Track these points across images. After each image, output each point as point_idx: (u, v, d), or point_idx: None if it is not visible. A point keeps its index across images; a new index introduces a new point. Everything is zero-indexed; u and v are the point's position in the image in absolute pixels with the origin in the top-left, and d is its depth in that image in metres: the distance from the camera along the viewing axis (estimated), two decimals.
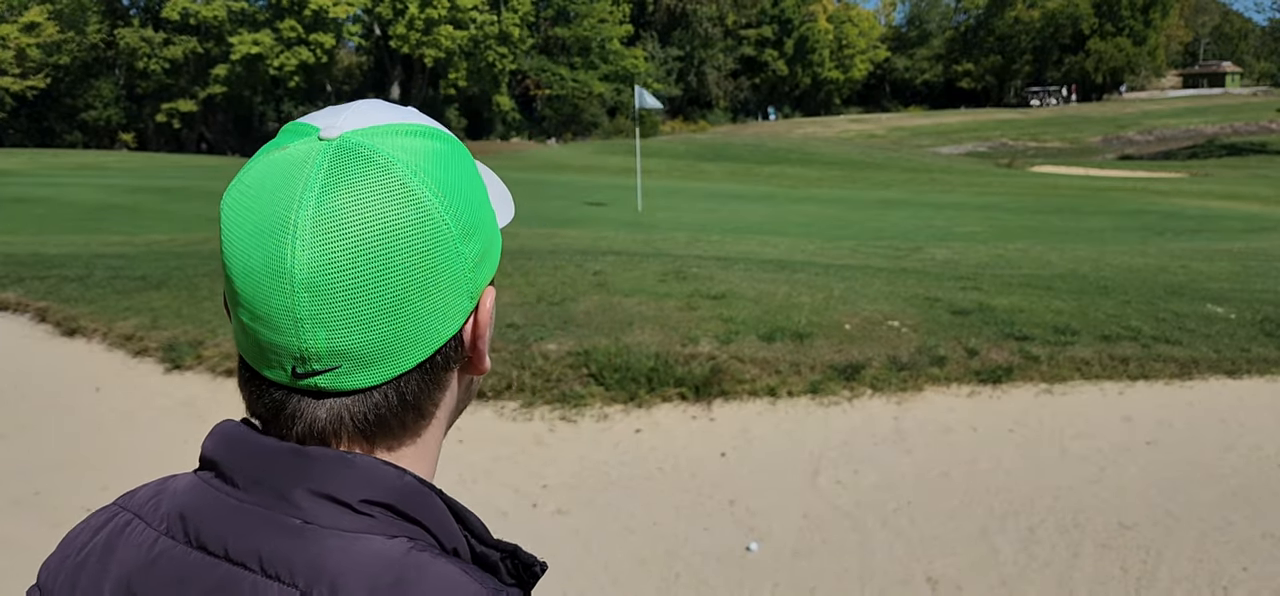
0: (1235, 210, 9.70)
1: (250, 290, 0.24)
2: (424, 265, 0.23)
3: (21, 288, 3.67)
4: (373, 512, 0.23)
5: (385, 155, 0.24)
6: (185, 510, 0.25)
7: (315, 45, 26.68)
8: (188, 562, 0.24)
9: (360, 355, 0.23)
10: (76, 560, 0.28)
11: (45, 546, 1.50)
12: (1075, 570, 1.72)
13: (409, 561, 0.22)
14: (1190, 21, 45.82)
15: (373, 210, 0.23)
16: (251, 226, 0.24)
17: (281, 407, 0.25)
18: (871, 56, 39.55)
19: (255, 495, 0.24)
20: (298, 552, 0.23)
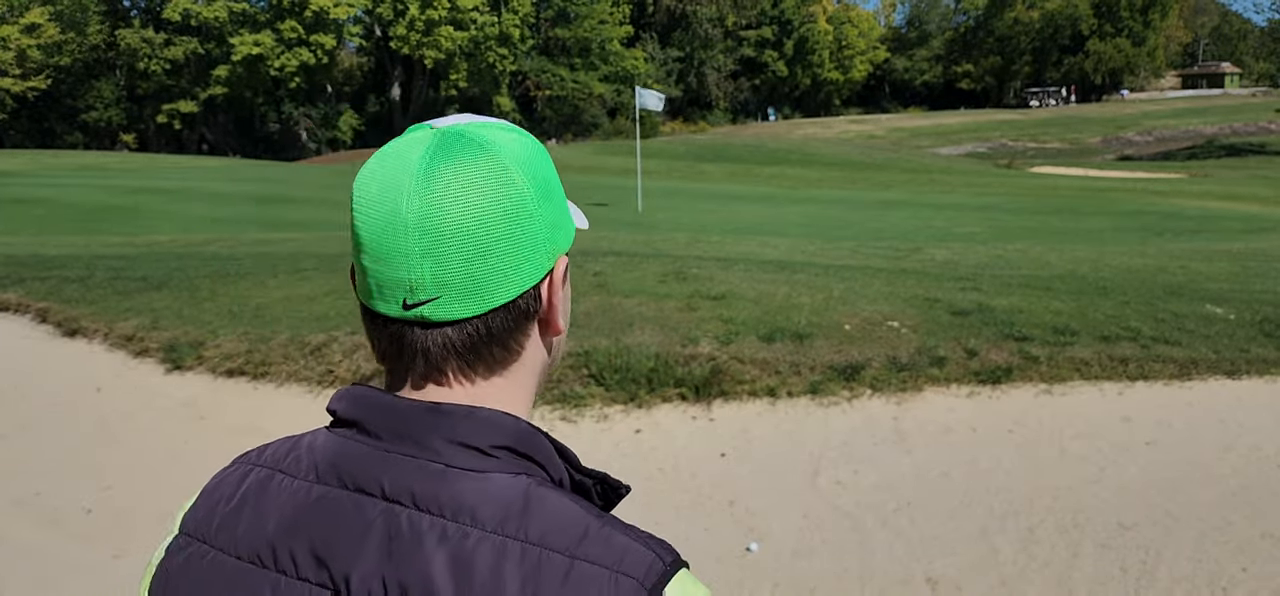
0: (1234, 211, 9.70)
1: (372, 235, 0.30)
2: (508, 217, 0.30)
3: (22, 288, 3.67)
4: (498, 454, 0.29)
5: (480, 137, 0.31)
6: (336, 461, 0.30)
7: (316, 46, 26.68)
8: (351, 502, 0.29)
9: (457, 287, 0.29)
10: (228, 507, 0.32)
11: (46, 546, 1.51)
12: (1075, 570, 1.72)
13: (531, 494, 0.28)
14: (1189, 22, 45.92)
15: (468, 171, 0.30)
16: (376, 187, 0.30)
17: (400, 339, 0.30)
18: (871, 57, 39.57)
19: (399, 446, 0.29)
20: (443, 490, 0.28)
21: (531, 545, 0.27)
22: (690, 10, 34.92)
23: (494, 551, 0.27)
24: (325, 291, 3.34)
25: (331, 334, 2.77)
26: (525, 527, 0.28)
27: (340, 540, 0.28)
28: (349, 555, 0.28)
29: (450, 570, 0.27)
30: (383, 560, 0.28)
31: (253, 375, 2.67)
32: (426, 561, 0.27)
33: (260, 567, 0.29)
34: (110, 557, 1.85)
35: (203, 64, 27.11)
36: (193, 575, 0.30)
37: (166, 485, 2.15)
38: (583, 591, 0.26)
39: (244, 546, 0.30)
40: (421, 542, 0.27)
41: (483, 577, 0.26)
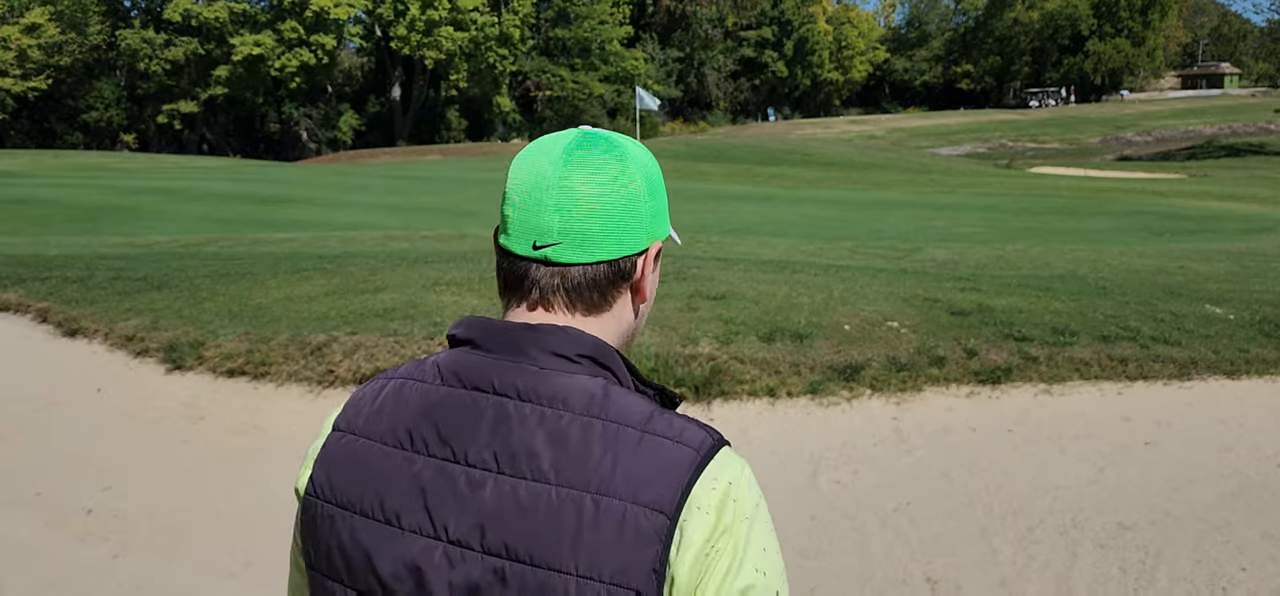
0: (1233, 211, 9.69)
1: (521, 189, 0.40)
2: (622, 197, 0.40)
3: (23, 288, 3.67)
4: (581, 361, 0.38)
5: (613, 138, 0.42)
6: (456, 368, 0.39)
7: (316, 46, 26.66)
8: (468, 398, 0.38)
9: (575, 238, 0.39)
10: (374, 407, 0.40)
11: (47, 546, 1.52)
12: (1074, 570, 1.72)
13: (608, 389, 0.37)
14: (1189, 23, 45.85)
15: (600, 158, 0.40)
16: (531, 156, 0.41)
17: (524, 274, 0.40)
18: (871, 58, 39.60)
19: (505, 355, 0.38)
20: (540, 385, 0.37)
21: (610, 423, 0.36)
22: (690, 11, 34.93)
23: (582, 426, 0.36)
24: (325, 291, 3.34)
25: (332, 334, 2.77)
26: (605, 410, 0.37)
27: (459, 424, 0.37)
28: (467, 434, 0.37)
29: (549, 439, 0.36)
30: (492, 435, 0.37)
31: (253, 375, 2.67)
32: (529, 435, 0.36)
33: (399, 448, 0.38)
34: (110, 558, 1.85)
35: (203, 64, 27.09)
36: (348, 456, 0.39)
37: (167, 485, 2.15)
38: (651, 454, 0.35)
39: (386, 434, 0.39)
40: (524, 422, 0.36)
41: (574, 445, 0.35)
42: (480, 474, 0.36)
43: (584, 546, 0.34)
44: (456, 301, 3.11)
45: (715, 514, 0.35)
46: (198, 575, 1.78)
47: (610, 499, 0.34)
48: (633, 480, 0.34)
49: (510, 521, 0.35)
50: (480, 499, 0.35)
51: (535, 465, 0.35)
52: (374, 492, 0.37)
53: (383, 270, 3.68)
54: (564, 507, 0.34)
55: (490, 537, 0.35)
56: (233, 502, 2.06)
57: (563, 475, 0.35)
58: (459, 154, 22.05)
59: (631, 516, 0.34)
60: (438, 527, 0.36)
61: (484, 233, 6.58)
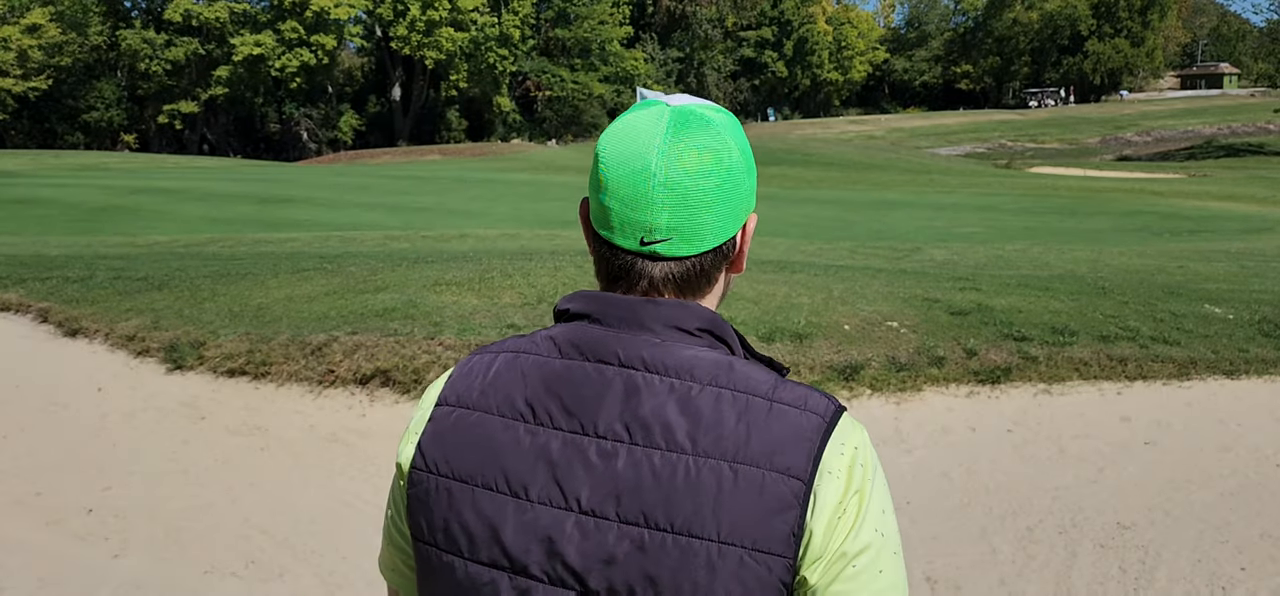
0: (1233, 211, 9.68)
1: (624, 186, 0.38)
2: (726, 182, 0.39)
3: (23, 288, 3.68)
4: (700, 334, 0.39)
5: (708, 117, 0.40)
6: (577, 341, 0.39)
7: (317, 46, 26.64)
8: (594, 370, 0.38)
9: (684, 233, 0.38)
10: (485, 380, 0.40)
11: (47, 546, 1.52)
12: (1073, 570, 1.72)
13: (727, 360, 0.38)
14: (1188, 23, 45.86)
15: (702, 145, 0.39)
16: (625, 150, 0.39)
17: (630, 267, 0.40)
18: (870, 58, 39.54)
19: (627, 329, 0.38)
20: (666, 356, 0.38)
21: (739, 393, 0.37)
22: (690, 11, 34.95)
23: (713, 396, 0.36)
24: (326, 291, 3.34)
25: (332, 334, 2.77)
26: (733, 380, 0.37)
27: (586, 396, 0.37)
28: (595, 406, 0.37)
29: (681, 409, 0.36)
30: (623, 407, 0.37)
31: (253, 375, 2.67)
32: (661, 405, 0.36)
33: (520, 421, 0.38)
34: (111, 557, 1.85)
35: (204, 64, 27.08)
36: (463, 430, 0.39)
37: (167, 485, 2.15)
38: (782, 421, 0.36)
39: (505, 407, 0.39)
40: (655, 392, 0.37)
41: (707, 415, 0.36)
42: (612, 445, 0.36)
43: (725, 512, 0.34)
44: (457, 301, 3.11)
45: (845, 477, 0.37)
46: (198, 575, 1.78)
47: (748, 466, 0.35)
48: (768, 447, 0.35)
49: (647, 490, 0.35)
50: (613, 469, 0.36)
51: (669, 435, 0.36)
52: (496, 465, 0.37)
53: (383, 270, 3.67)
54: (703, 475, 0.35)
55: (626, 506, 0.35)
56: (233, 502, 2.06)
57: (699, 444, 0.35)
58: (459, 154, 22.03)
59: (770, 482, 0.35)
60: (569, 499, 0.36)
61: (485, 232, 6.59)
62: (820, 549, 0.35)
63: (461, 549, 0.37)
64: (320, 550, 1.85)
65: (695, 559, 0.34)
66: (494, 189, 12.11)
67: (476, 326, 2.78)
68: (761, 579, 0.34)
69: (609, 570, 0.35)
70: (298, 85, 27.34)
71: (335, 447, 2.32)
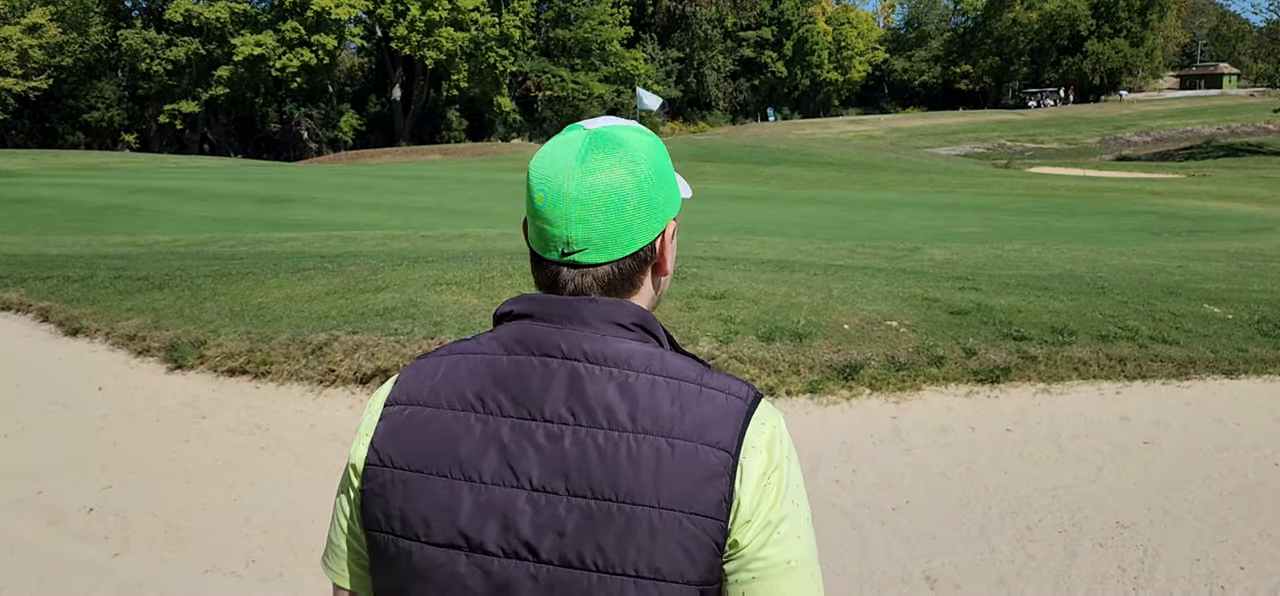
0: (1232, 211, 9.68)
1: (545, 205, 0.43)
2: (636, 193, 0.43)
3: (24, 288, 3.68)
4: (633, 329, 0.43)
5: (618, 137, 0.44)
6: (521, 338, 0.43)
7: (317, 46, 26.64)
8: (539, 362, 0.41)
9: (598, 242, 0.43)
10: (435, 379, 0.43)
11: (48, 546, 1.53)
12: (1072, 569, 1.72)
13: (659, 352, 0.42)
14: (1187, 23, 46.11)
15: (610, 163, 0.43)
16: (546, 171, 0.43)
17: (556, 276, 0.44)
18: (870, 58, 39.54)
19: (567, 325, 0.42)
20: (605, 348, 0.42)
21: (672, 378, 0.41)
22: (690, 11, 34.90)
23: (649, 382, 0.41)
24: (326, 291, 3.34)
25: (333, 333, 2.78)
26: (665, 368, 0.42)
27: (533, 386, 0.41)
28: (541, 394, 0.41)
29: (621, 394, 0.40)
30: (567, 393, 0.41)
31: (254, 374, 2.67)
32: (602, 390, 0.40)
33: (471, 411, 0.41)
34: (111, 556, 1.85)
35: (204, 64, 27.10)
36: (416, 426, 0.42)
37: (167, 484, 2.15)
38: (711, 402, 0.40)
39: (456, 401, 0.42)
40: (596, 379, 0.41)
41: (644, 398, 0.40)
42: (558, 427, 0.40)
43: (664, 482, 0.39)
44: (457, 301, 3.11)
45: (766, 452, 0.41)
46: (199, 574, 1.78)
47: (682, 441, 0.40)
48: (699, 424, 0.40)
49: (593, 466, 0.39)
50: (561, 449, 0.39)
51: (611, 416, 0.40)
52: (451, 454, 0.40)
53: (384, 269, 3.68)
54: (643, 450, 0.39)
55: (574, 482, 0.39)
56: (234, 501, 2.06)
57: (639, 423, 0.40)
58: (459, 154, 22.05)
59: (702, 454, 0.40)
60: (521, 478, 0.39)
61: (485, 232, 6.60)
62: (749, 514, 0.40)
63: (418, 534, 0.40)
64: (320, 549, 1.86)
65: (638, 525, 0.38)
66: (494, 189, 12.10)
67: (477, 325, 2.79)
68: (698, 539, 0.38)
69: (561, 540, 0.38)
70: (298, 85, 27.36)
71: (336, 447, 2.32)
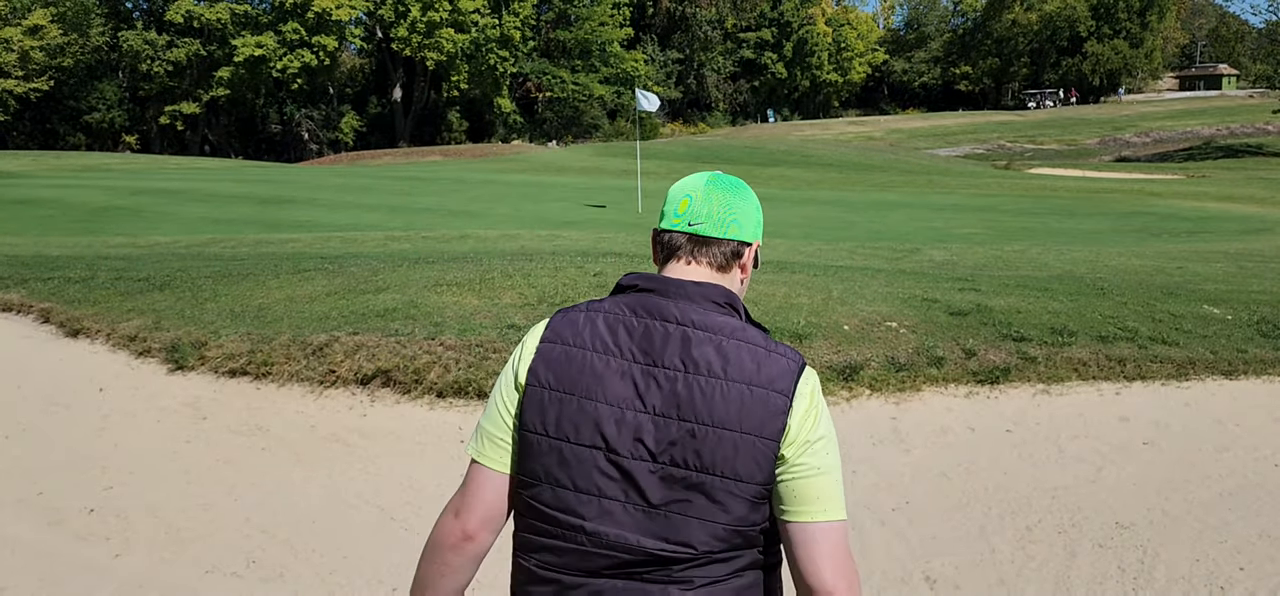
0: (1231, 211, 9.70)
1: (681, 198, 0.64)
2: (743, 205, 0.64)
3: (25, 289, 3.68)
4: (725, 306, 0.61)
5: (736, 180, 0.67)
6: (646, 305, 0.61)
7: (318, 47, 26.66)
8: (659, 324, 0.59)
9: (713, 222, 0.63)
10: (580, 327, 0.61)
11: (49, 546, 1.53)
12: (1072, 569, 1.72)
13: (740, 324, 0.60)
14: (1187, 24, 46.11)
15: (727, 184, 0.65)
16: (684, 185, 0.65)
17: (678, 246, 0.64)
18: (870, 59, 39.63)
19: (677, 299, 0.60)
20: (707, 319, 0.59)
21: (750, 344, 0.60)
22: (690, 13, 34.99)
23: (735, 345, 0.59)
24: (327, 292, 3.34)
25: (333, 334, 2.78)
26: (746, 336, 0.60)
27: (656, 341, 0.59)
28: (661, 348, 0.59)
29: (717, 351, 0.59)
30: (681, 349, 0.59)
31: (255, 375, 2.67)
32: (703, 349, 0.59)
33: (607, 353, 0.60)
34: (112, 557, 1.85)
35: (205, 65, 27.12)
36: (571, 360, 0.60)
37: (168, 485, 2.15)
38: (777, 364, 0.59)
39: (598, 345, 0.60)
40: (702, 342, 0.59)
41: (733, 356, 0.58)
42: (673, 372, 0.59)
43: (746, 414, 0.58)
44: (458, 302, 3.12)
45: (809, 398, 0.61)
46: (199, 574, 1.78)
47: (758, 388, 0.59)
48: (769, 376, 0.59)
49: (697, 401, 0.58)
50: (675, 388, 0.58)
51: (711, 367, 0.59)
52: (597, 382, 0.59)
53: (384, 270, 3.68)
54: (731, 392, 0.58)
55: (684, 410, 0.58)
56: (234, 502, 2.06)
57: (729, 374, 0.59)
58: (460, 155, 22.05)
59: (772, 398, 0.59)
60: (646, 405, 0.59)
61: (485, 233, 6.61)
62: (794, 436, 0.60)
63: (568, 436, 0.59)
64: (321, 550, 1.86)
65: (726, 442, 0.58)
66: (494, 190, 12.12)
67: (477, 326, 2.79)
68: (765, 454, 0.58)
69: (672, 448, 0.58)
70: (299, 86, 27.40)
71: (336, 447, 2.32)
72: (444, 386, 2.50)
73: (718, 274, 0.62)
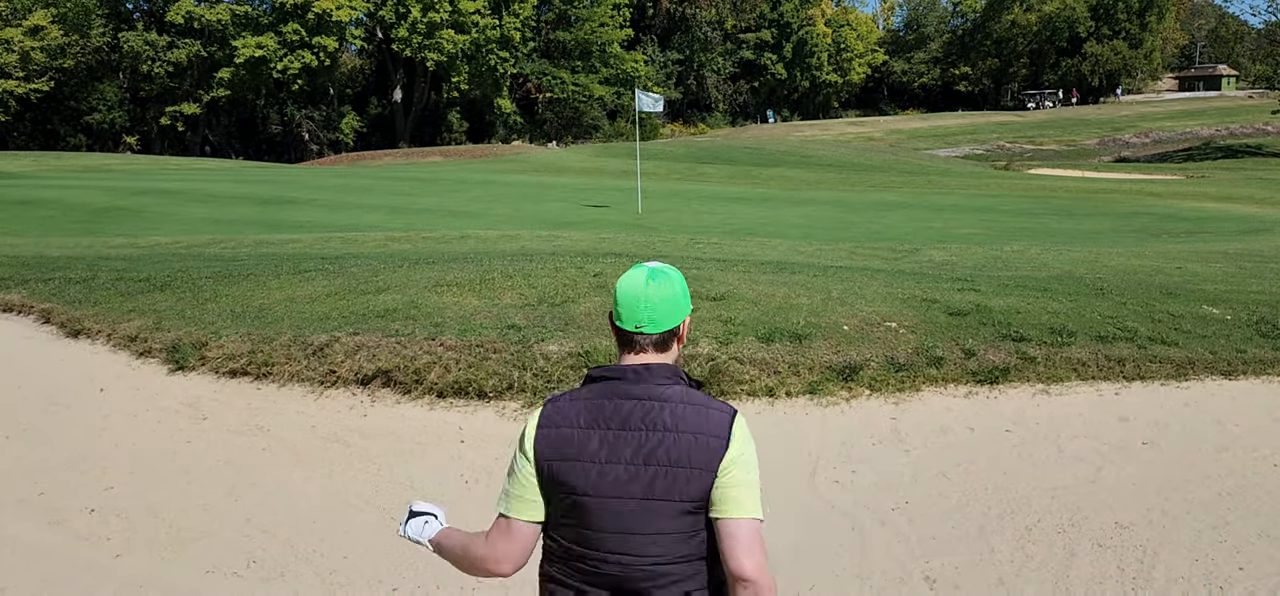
0: (1230, 212, 9.68)
1: (628, 301, 0.87)
2: (675, 300, 0.87)
3: (26, 289, 3.68)
4: (672, 380, 0.85)
5: (667, 271, 0.91)
6: (615, 391, 0.84)
7: (318, 48, 26.66)
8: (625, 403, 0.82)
9: (656, 321, 0.86)
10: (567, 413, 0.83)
11: (50, 546, 1.53)
12: (1072, 569, 1.73)
13: (686, 390, 0.84)
14: (1186, 24, 45.99)
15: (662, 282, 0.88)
16: (628, 287, 0.88)
17: (633, 338, 0.87)
18: (869, 60, 39.68)
19: (640, 383, 0.83)
20: (659, 392, 0.83)
21: (694, 404, 0.81)
22: (690, 13, 34.98)
23: (684, 408, 0.81)
24: (327, 292, 3.34)
25: (334, 334, 2.78)
26: (690, 399, 0.82)
27: (624, 414, 0.81)
28: (628, 418, 0.81)
29: (670, 416, 0.80)
30: (643, 417, 0.81)
31: (255, 376, 2.68)
32: (659, 413, 0.81)
33: (592, 429, 0.81)
34: (113, 557, 1.86)
35: (205, 66, 27.13)
36: (564, 439, 0.82)
37: (169, 485, 2.16)
38: (714, 416, 0.80)
39: (581, 423, 0.82)
40: (658, 410, 0.81)
41: (681, 415, 0.80)
42: (638, 434, 0.81)
43: (695, 454, 0.80)
44: (458, 302, 3.12)
45: (740, 440, 0.83)
46: (200, 574, 1.79)
47: (702, 435, 0.81)
48: (709, 427, 0.82)
49: (657, 451, 0.81)
50: (639, 442, 0.81)
51: (665, 426, 0.82)
52: (585, 449, 0.82)
53: (385, 271, 3.68)
54: (682, 441, 0.81)
55: (647, 458, 0.81)
56: (235, 502, 2.06)
57: (680, 428, 0.81)
58: (460, 155, 22.07)
59: (712, 442, 0.81)
60: (621, 460, 0.81)
61: (485, 233, 6.60)
62: (727, 464, 0.82)
63: (575, 489, 0.82)
64: (322, 549, 1.86)
65: (680, 477, 0.80)
66: (494, 190, 12.13)
67: (477, 327, 2.79)
68: (707, 481, 0.80)
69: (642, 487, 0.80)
70: (299, 87, 27.38)
71: (337, 447, 2.32)
72: (444, 386, 2.51)
73: (662, 355, 0.87)
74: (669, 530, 0.79)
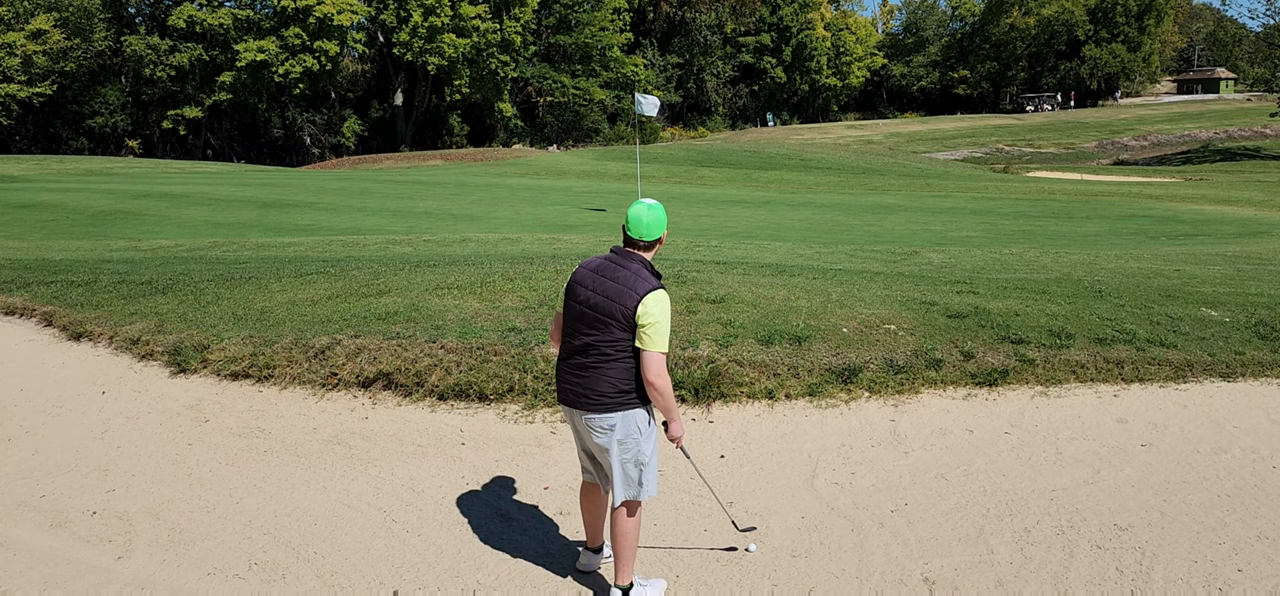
0: (1229, 214, 9.70)
1: (632, 222, 1.72)
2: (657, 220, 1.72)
3: (28, 292, 3.70)
4: (643, 267, 1.69)
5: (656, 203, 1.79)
6: (612, 258, 1.71)
7: (320, 52, 26.80)
8: (611, 266, 1.70)
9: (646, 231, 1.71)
10: (585, 267, 1.74)
11: (52, 549, 1.55)
12: (1070, 570, 1.73)
13: (646, 272, 1.69)
14: (1185, 28, 46.18)
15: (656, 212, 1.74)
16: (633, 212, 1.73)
17: (633, 241, 1.72)
18: (869, 64, 39.82)
19: (622, 260, 1.70)
20: (632, 267, 1.69)
21: (640, 277, 1.65)
22: (690, 17, 35.13)
23: (634, 276, 1.65)
24: (329, 295, 3.35)
25: (335, 337, 2.79)
26: (640, 275, 1.66)
27: (606, 273, 1.67)
28: (612, 274, 1.67)
29: (630, 275, 1.65)
30: (612, 274, 1.67)
31: (257, 378, 2.68)
32: (624, 275, 1.65)
33: (591, 275, 1.69)
34: (114, 559, 1.86)
35: (207, 70, 27.22)
36: (579, 276, 1.71)
37: (171, 487, 2.16)
38: (642, 285, 1.63)
39: (586, 272, 1.71)
40: (624, 274, 1.66)
41: (628, 279, 1.65)
42: (611, 282, 1.63)
43: (624, 297, 1.61)
44: (459, 304, 3.12)
45: (649, 302, 1.61)
46: (201, 576, 1.79)
47: (631, 290, 1.61)
48: (639, 288, 1.61)
49: (611, 291, 1.62)
50: (605, 286, 1.63)
51: (624, 280, 1.62)
52: (582, 285, 1.67)
53: (386, 274, 3.69)
54: (624, 289, 1.61)
55: (608, 293, 1.62)
56: (237, 504, 2.07)
57: (628, 284, 1.62)
58: (461, 159, 22.13)
59: (633, 297, 1.61)
60: (592, 292, 1.64)
61: (486, 236, 6.63)
62: (640, 314, 1.60)
63: (576, 299, 1.67)
64: (323, 551, 1.86)
65: (621, 303, 1.61)
66: (495, 193, 12.15)
67: (478, 329, 2.80)
68: (628, 312, 1.60)
69: (602, 300, 1.63)
70: (301, 91, 27.49)
71: (338, 449, 2.33)
72: (445, 389, 2.51)
73: (645, 251, 1.65)
74: (614, 330, 1.58)
